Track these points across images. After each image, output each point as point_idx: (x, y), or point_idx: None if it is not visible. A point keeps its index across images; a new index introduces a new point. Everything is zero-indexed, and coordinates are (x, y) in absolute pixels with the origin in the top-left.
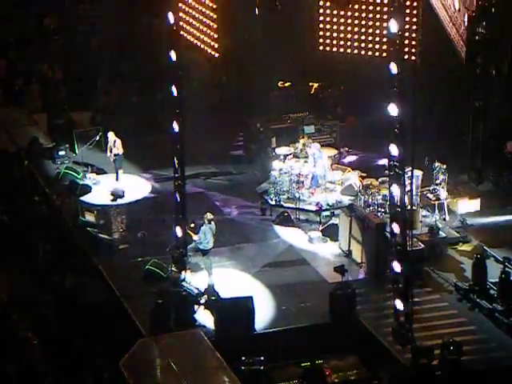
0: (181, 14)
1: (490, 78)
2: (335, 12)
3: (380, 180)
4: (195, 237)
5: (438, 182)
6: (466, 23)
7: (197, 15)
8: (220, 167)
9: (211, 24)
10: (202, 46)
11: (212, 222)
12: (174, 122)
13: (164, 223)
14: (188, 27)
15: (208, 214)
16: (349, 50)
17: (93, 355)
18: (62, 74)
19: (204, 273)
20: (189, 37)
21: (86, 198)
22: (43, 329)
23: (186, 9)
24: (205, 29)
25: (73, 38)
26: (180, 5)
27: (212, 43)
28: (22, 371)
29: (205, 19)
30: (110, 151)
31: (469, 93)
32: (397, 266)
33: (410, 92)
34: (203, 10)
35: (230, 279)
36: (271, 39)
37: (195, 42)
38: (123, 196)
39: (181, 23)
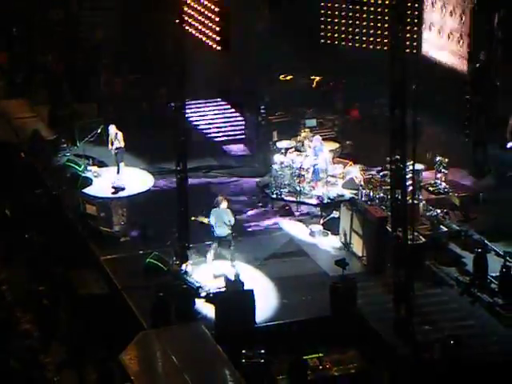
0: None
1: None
2: (337, 5)
3: (381, 174)
4: (205, 220)
5: (439, 175)
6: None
7: (199, 8)
8: (220, 160)
9: (213, 17)
10: (204, 39)
11: (222, 206)
12: (177, 115)
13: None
14: (190, 20)
15: (219, 197)
16: (350, 44)
17: (93, 348)
18: (65, 65)
19: (228, 263)
20: (191, 30)
21: (87, 191)
22: (44, 321)
23: (189, 1)
24: (207, 22)
25: (76, 30)
26: None
27: (214, 36)
28: (23, 363)
29: (207, 12)
30: (112, 144)
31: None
32: (398, 260)
33: (411, 85)
34: (205, 2)
35: (231, 272)
36: (273, 32)
37: (197, 34)
38: (124, 189)
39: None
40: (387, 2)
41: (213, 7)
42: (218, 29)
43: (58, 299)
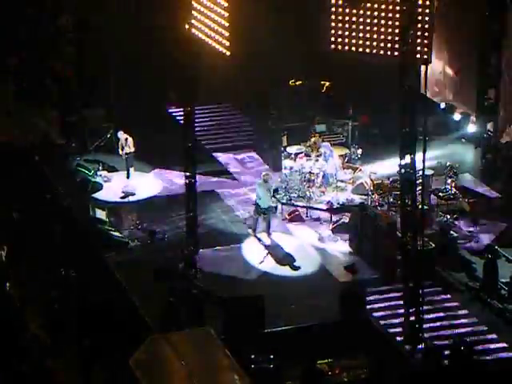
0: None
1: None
2: (348, 10)
3: (391, 179)
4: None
5: (449, 181)
6: None
7: (208, 13)
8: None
9: (222, 22)
10: (213, 44)
11: (268, 181)
12: (185, 120)
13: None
14: (199, 24)
15: (264, 173)
16: (361, 49)
17: (103, 352)
18: (75, 71)
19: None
20: (200, 34)
21: (97, 196)
22: (53, 325)
23: (198, 6)
24: (216, 27)
25: (85, 36)
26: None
27: (223, 41)
28: (33, 369)
29: (216, 17)
30: (122, 149)
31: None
32: (407, 266)
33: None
34: (215, 7)
35: (240, 276)
36: (283, 37)
37: (206, 39)
38: (134, 194)
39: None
40: (398, 8)
41: (222, 12)
42: (227, 34)
43: (67, 303)
